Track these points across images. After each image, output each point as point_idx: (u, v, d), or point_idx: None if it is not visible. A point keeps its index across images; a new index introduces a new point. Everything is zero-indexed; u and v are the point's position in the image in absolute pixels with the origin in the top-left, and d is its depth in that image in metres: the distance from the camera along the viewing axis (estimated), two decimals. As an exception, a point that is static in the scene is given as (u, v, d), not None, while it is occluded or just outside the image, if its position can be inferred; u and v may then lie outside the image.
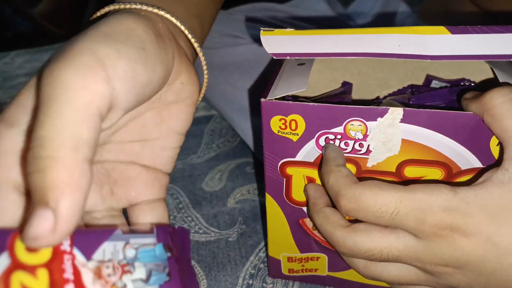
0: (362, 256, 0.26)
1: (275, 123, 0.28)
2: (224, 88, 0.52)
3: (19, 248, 0.17)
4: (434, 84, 0.35)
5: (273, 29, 0.28)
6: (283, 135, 0.28)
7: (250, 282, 0.38)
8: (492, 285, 0.25)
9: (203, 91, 0.30)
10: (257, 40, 0.53)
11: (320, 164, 0.29)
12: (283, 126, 0.28)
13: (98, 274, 0.19)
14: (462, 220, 0.24)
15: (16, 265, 0.17)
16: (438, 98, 0.31)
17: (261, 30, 0.28)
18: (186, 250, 0.25)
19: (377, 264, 0.27)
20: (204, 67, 0.30)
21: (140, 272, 0.21)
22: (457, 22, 0.25)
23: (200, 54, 0.29)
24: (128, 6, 0.25)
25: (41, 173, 0.17)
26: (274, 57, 0.28)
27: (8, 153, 0.20)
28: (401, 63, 0.35)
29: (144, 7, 0.25)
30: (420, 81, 0.35)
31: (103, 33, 0.21)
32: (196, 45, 0.28)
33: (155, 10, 0.26)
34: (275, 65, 0.32)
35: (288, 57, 0.28)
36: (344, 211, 0.26)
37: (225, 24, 0.56)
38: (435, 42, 0.25)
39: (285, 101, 0.27)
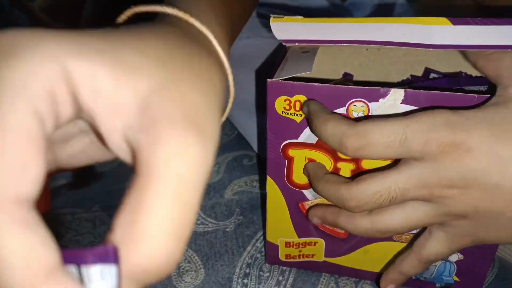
0: (371, 202, 0.26)
1: (280, 104, 0.28)
2: None
3: None
4: (432, 76, 0.36)
5: (283, 16, 0.29)
6: (287, 115, 0.29)
7: (247, 271, 0.38)
8: (497, 202, 0.25)
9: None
10: (255, 35, 0.54)
11: (307, 122, 0.29)
12: (287, 107, 0.28)
13: None
14: (464, 134, 0.24)
15: None
16: (438, 85, 0.32)
17: (271, 17, 0.29)
18: None
19: (384, 215, 0.27)
20: (230, 104, 0.27)
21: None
22: (455, 16, 0.26)
23: (232, 90, 0.25)
24: (181, 14, 0.21)
25: None
26: (283, 43, 0.29)
27: None
28: (401, 56, 0.36)
29: (204, 29, 0.22)
30: (419, 74, 0.36)
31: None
32: (232, 84, 0.25)
33: (211, 37, 0.22)
34: (273, 61, 0.32)
35: (297, 43, 0.29)
36: (352, 151, 0.26)
37: None
38: (438, 32, 0.26)
39: (291, 82, 0.27)
